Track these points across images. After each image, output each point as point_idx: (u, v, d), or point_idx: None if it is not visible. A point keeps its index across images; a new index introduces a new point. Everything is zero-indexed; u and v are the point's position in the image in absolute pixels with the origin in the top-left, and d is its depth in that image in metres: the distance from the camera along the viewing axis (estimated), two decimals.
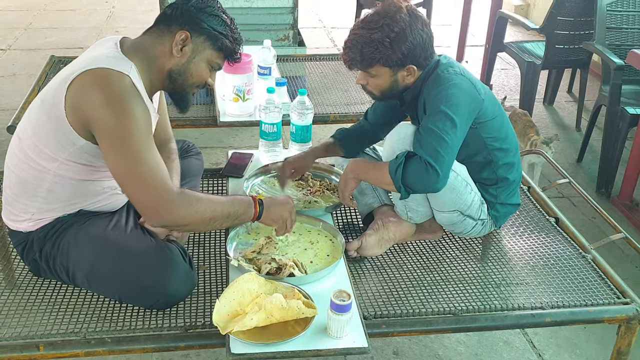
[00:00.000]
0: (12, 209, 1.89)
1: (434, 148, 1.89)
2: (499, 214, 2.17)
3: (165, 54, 1.83)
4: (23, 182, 1.83)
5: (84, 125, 1.71)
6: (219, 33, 1.85)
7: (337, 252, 2.01)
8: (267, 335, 1.65)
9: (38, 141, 1.77)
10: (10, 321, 1.77)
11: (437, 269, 2.09)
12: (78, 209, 1.89)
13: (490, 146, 2.07)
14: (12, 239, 1.95)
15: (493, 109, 2.06)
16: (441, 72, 1.99)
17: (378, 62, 1.97)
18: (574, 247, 2.19)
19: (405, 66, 1.99)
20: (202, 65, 1.87)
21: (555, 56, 4.19)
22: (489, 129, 2.05)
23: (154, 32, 1.86)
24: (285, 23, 4.33)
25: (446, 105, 1.92)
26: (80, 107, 1.69)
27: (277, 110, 2.50)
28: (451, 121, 1.91)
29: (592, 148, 4.09)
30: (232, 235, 2.05)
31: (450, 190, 2.00)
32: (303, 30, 4.74)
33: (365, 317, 1.80)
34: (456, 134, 1.92)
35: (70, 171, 1.81)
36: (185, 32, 1.81)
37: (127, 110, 1.68)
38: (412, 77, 2.03)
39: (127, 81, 1.70)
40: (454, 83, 1.96)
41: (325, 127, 4.15)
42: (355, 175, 2.07)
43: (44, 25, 6.37)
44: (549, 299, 1.93)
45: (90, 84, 1.68)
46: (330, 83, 3.56)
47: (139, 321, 1.79)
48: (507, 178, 2.12)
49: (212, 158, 3.82)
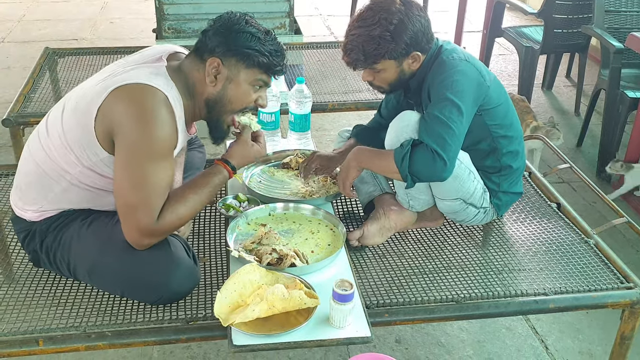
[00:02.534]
0: (22, 195, 1.86)
1: (441, 136, 1.87)
2: (501, 202, 2.15)
3: (201, 81, 1.79)
4: (42, 175, 1.80)
5: (108, 136, 1.68)
6: (250, 50, 1.76)
7: (338, 241, 2.00)
8: (269, 326, 1.64)
9: (66, 143, 1.74)
10: (9, 316, 1.76)
11: (439, 256, 2.08)
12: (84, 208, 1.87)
13: (495, 133, 2.05)
14: (14, 225, 1.93)
15: (498, 96, 2.04)
16: (446, 58, 1.97)
17: (383, 57, 1.94)
18: (576, 232, 2.18)
19: (409, 54, 1.97)
20: (242, 88, 1.80)
21: (554, 40, 4.16)
22: (493, 116, 2.03)
23: (191, 59, 1.81)
24: (281, 11, 4.29)
25: (452, 92, 1.90)
26: (108, 117, 1.66)
27: (275, 99, 2.48)
28: (457, 108, 1.89)
29: (592, 132, 4.07)
30: (232, 226, 2.04)
31: (454, 178, 1.98)
32: (299, 18, 4.70)
33: (367, 306, 1.79)
34: (462, 121, 1.90)
35: (88, 180, 1.78)
36: (215, 58, 1.75)
37: (153, 126, 1.64)
38: (417, 64, 2.01)
39: (161, 97, 1.66)
40: (459, 70, 1.93)
41: (324, 115, 4.14)
42: (359, 163, 2.04)
43: (37, 17, 6.31)
44: (552, 285, 1.91)
45: (124, 97, 1.65)
46: (327, 71, 3.53)
47: (139, 314, 1.77)
48: (510, 166, 2.10)
49: (211, 149, 3.76)
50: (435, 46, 2.02)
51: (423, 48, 1.99)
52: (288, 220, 2.11)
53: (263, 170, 2.43)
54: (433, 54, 2.01)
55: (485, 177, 2.11)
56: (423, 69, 2.02)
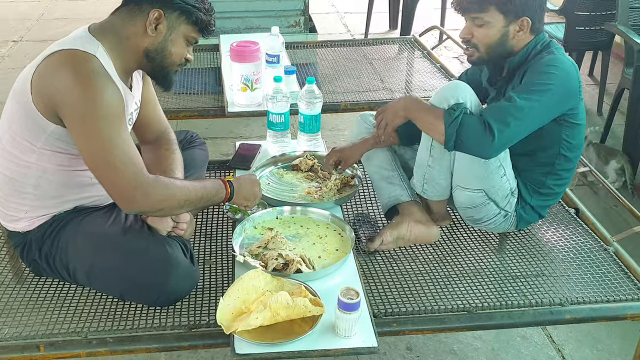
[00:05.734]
0: (5, 210, 1.85)
1: (504, 115, 1.81)
2: (524, 214, 2.06)
3: (138, 33, 1.77)
4: (10, 180, 1.79)
5: (51, 109, 1.66)
6: (191, 7, 1.78)
7: (346, 246, 1.94)
8: (272, 335, 1.60)
9: (14, 133, 1.73)
10: (12, 320, 1.73)
11: (451, 262, 2.01)
12: (74, 206, 1.84)
13: (563, 149, 1.98)
14: (11, 241, 1.91)
15: (583, 116, 1.98)
16: (557, 53, 1.90)
17: (495, 3, 1.87)
18: (595, 240, 2.10)
19: (520, 17, 1.90)
20: (180, 41, 1.82)
21: (576, 38, 4.05)
22: (572, 132, 1.96)
23: (123, 12, 1.79)
24: (296, 9, 4.25)
25: (544, 83, 1.83)
26: (46, 89, 1.64)
27: (285, 99, 2.42)
28: (539, 100, 1.82)
29: (614, 133, 3.96)
30: (238, 229, 1.99)
31: (482, 165, 1.91)
32: (315, 15, 4.65)
33: (375, 314, 1.74)
34: (536, 114, 1.84)
35: (50, 162, 1.75)
36: (158, 10, 1.74)
37: (96, 91, 1.63)
38: (523, 36, 1.93)
39: (94, 61, 1.65)
40: (563, 68, 1.86)
41: (337, 115, 4.08)
42: (407, 112, 1.97)
43: (56, 16, 6.34)
44: (569, 295, 1.84)
45: (55, 65, 1.64)
46: (341, 70, 3.47)
47: (142, 320, 1.74)
48: (551, 188, 2.04)
49: (222, 149, 3.75)
50: (543, 39, 1.95)
51: (535, 21, 1.91)
52: (296, 224, 2.06)
53: (272, 172, 2.38)
54: (541, 44, 1.94)
55: (525, 185, 2.04)
56: (525, 54, 1.94)
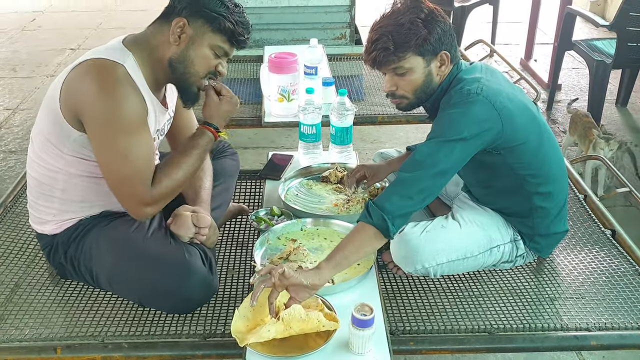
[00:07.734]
0: (34, 212, 1.91)
1: (398, 185, 1.76)
2: (540, 245, 1.98)
3: (164, 43, 1.78)
4: (39, 184, 1.85)
5: (75, 116, 1.70)
6: (216, 14, 1.75)
7: (367, 260, 1.91)
8: (285, 348, 1.58)
9: (44, 138, 1.79)
10: (33, 322, 1.78)
11: (475, 280, 1.96)
12: (100, 211, 1.88)
13: (520, 173, 1.87)
14: (39, 242, 1.97)
15: (525, 132, 1.82)
16: (460, 88, 1.79)
17: (411, 48, 1.77)
18: (630, 263, 2.00)
19: (438, 53, 1.81)
20: (203, 50, 1.78)
21: (628, 54, 3.92)
22: (518, 154, 1.83)
23: (156, 23, 1.82)
24: (341, 21, 4.25)
25: (445, 131, 1.75)
26: (72, 97, 1.69)
27: (316, 111, 2.42)
28: (442, 151, 1.74)
29: None
30: (261, 240, 1.99)
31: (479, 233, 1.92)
32: (362, 28, 4.63)
33: (392, 332, 1.70)
34: (435, 168, 1.74)
35: (76, 168, 1.80)
36: (182, 18, 1.75)
37: (116, 101, 1.66)
38: (446, 69, 1.84)
39: (120, 70, 1.68)
40: (468, 102, 1.75)
41: (380, 128, 4.06)
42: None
43: (113, 25, 6.53)
44: (597, 320, 1.76)
45: (82, 73, 1.68)
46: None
47: (158, 326, 1.76)
48: (543, 207, 1.92)
49: (263, 158, 3.75)
50: (458, 67, 1.86)
51: (451, 51, 1.83)
52: (319, 237, 2.05)
53: (301, 183, 2.38)
54: (453, 77, 1.86)
55: (515, 221, 1.96)
56: (446, 84, 1.86)
